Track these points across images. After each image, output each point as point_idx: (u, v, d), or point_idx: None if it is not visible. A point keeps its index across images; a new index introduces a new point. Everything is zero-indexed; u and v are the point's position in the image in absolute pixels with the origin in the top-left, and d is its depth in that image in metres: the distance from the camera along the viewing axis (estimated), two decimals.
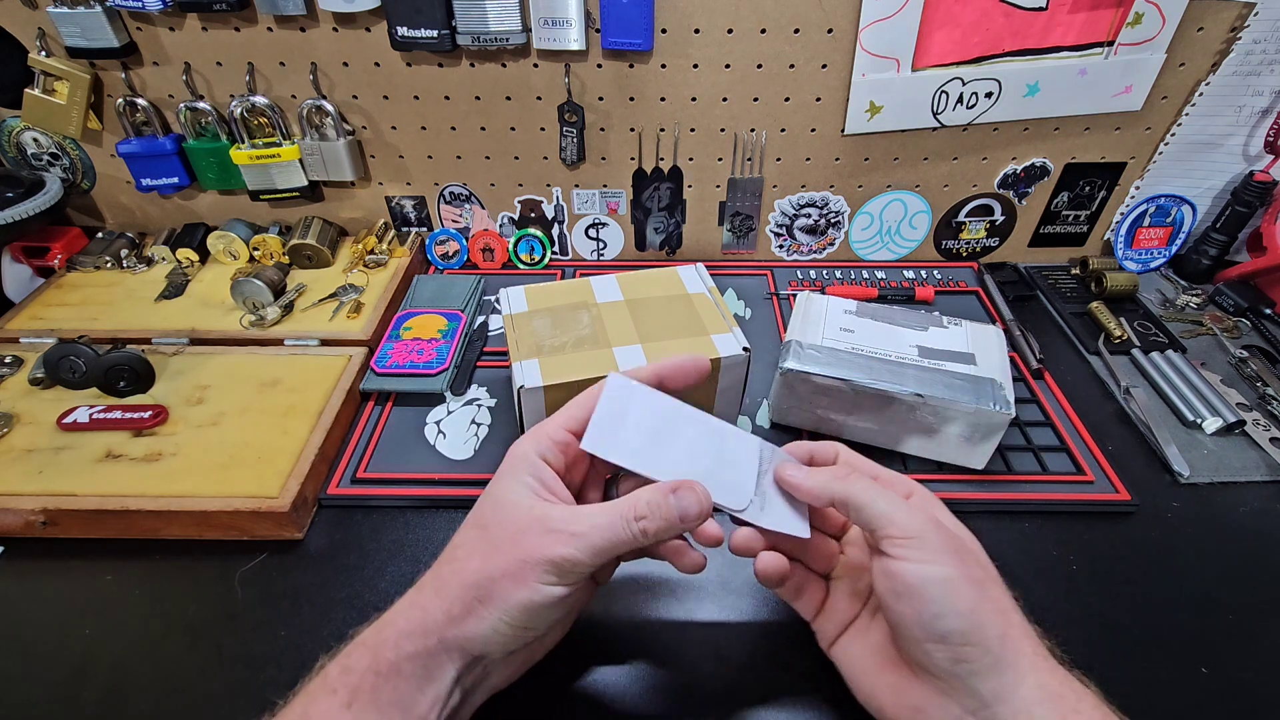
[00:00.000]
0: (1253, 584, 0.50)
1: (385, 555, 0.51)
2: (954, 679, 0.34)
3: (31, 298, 0.73)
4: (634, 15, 0.64)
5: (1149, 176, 0.77)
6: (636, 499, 0.35)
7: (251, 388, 0.62)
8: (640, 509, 0.35)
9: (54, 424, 0.58)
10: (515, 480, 0.37)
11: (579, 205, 0.80)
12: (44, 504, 0.51)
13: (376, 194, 0.81)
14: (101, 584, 0.50)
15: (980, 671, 0.33)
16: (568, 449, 0.38)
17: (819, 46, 0.68)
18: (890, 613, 0.35)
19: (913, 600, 0.34)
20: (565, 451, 0.38)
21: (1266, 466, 0.58)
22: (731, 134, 0.74)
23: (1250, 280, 0.78)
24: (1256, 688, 0.44)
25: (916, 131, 0.73)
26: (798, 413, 0.59)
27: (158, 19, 0.68)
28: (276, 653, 0.45)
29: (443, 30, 0.65)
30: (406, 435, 0.60)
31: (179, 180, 0.76)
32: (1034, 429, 0.61)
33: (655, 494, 0.35)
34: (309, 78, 0.70)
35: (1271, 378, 0.65)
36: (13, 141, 0.77)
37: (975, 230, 0.82)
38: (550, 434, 0.38)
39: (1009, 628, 0.34)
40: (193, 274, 0.77)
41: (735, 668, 0.44)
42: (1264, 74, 0.68)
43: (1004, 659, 0.33)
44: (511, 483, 0.37)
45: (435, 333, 0.68)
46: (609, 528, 0.34)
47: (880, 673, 0.37)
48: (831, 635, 0.41)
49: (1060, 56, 0.68)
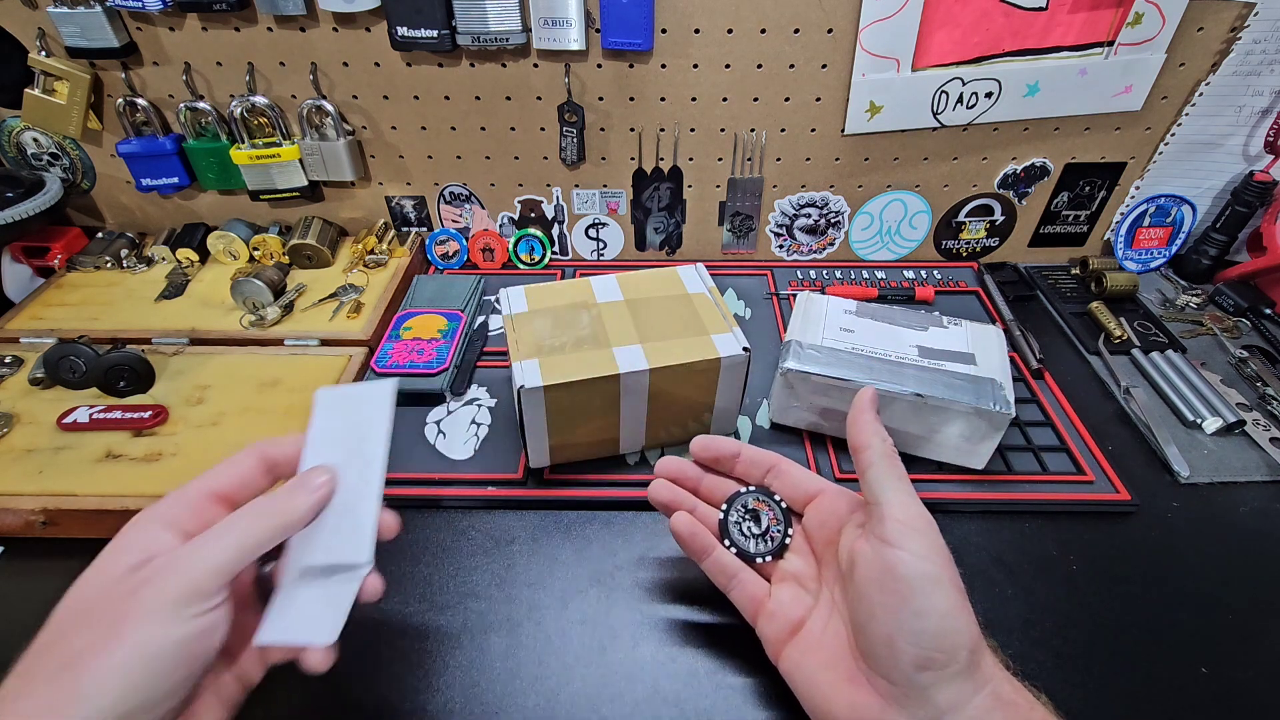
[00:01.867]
0: (1253, 584, 0.50)
1: (385, 555, 0.51)
2: (913, 687, 0.33)
3: (31, 298, 0.73)
4: (634, 15, 0.64)
5: (1149, 176, 0.77)
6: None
7: (251, 388, 0.62)
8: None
9: (54, 424, 0.58)
10: (115, 557, 0.32)
11: (579, 205, 0.80)
12: (44, 504, 0.51)
13: (376, 194, 0.81)
14: None
15: (942, 680, 0.33)
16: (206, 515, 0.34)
17: (819, 46, 0.68)
18: (866, 601, 0.35)
19: (899, 592, 0.34)
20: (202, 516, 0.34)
21: (1266, 466, 0.58)
22: (731, 134, 0.74)
23: (1250, 280, 0.78)
24: (1256, 688, 0.44)
25: (916, 131, 0.73)
26: (798, 413, 0.59)
27: (158, 19, 0.68)
28: None
29: (443, 30, 0.65)
30: (406, 435, 0.60)
31: (179, 180, 0.76)
32: (1034, 429, 0.61)
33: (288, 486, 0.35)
34: (309, 78, 0.70)
35: (1271, 378, 0.65)
36: (13, 141, 0.77)
37: (975, 230, 0.82)
38: (190, 499, 0.34)
39: (979, 642, 0.34)
40: (193, 274, 0.77)
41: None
42: (1264, 74, 0.68)
43: (967, 670, 0.33)
44: (109, 559, 0.32)
45: (435, 333, 0.68)
46: (228, 528, 0.32)
47: (835, 685, 0.36)
48: (779, 641, 0.40)
49: (1060, 56, 0.68)
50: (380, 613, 0.47)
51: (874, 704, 0.34)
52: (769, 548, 0.43)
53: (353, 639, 0.46)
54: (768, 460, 0.45)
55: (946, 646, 0.33)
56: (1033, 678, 0.36)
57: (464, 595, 0.49)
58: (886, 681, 0.34)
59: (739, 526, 0.44)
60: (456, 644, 0.46)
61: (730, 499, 0.44)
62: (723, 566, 0.43)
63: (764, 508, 0.44)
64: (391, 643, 0.46)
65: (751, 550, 0.43)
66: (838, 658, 0.37)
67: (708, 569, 0.43)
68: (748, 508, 0.44)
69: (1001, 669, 0.35)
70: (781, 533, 0.43)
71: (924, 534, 0.35)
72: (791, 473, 0.44)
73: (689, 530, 0.43)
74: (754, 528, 0.43)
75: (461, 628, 0.47)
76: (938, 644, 0.33)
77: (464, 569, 0.50)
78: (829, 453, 0.59)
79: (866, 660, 0.35)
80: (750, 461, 0.45)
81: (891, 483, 0.36)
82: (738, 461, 0.45)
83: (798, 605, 0.40)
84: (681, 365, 0.51)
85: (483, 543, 0.52)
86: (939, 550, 0.34)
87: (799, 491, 0.44)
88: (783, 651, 0.40)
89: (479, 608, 0.48)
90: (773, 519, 0.43)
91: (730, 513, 0.44)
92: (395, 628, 0.46)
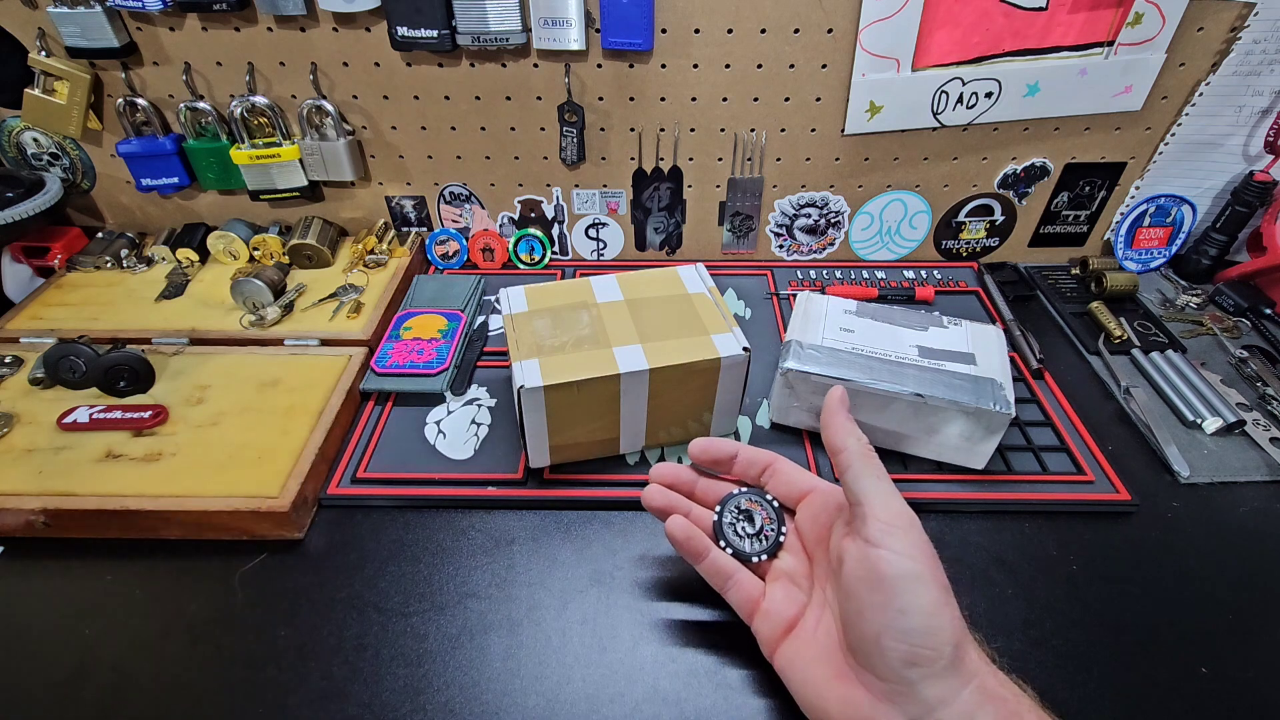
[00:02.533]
0: (1253, 584, 0.50)
1: (385, 555, 0.51)
2: (901, 683, 0.33)
3: (31, 298, 0.73)
4: (634, 15, 0.64)
5: (1149, 176, 0.77)
6: None
7: (251, 388, 0.62)
8: None
9: (54, 424, 0.58)
10: None
11: (579, 205, 0.80)
12: (44, 504, 0.51)
13: (376, 194, 0.81)
14: (101, 584, 0.50)
15: (930, 676, 0.33)
16: None
17: (819, 46, 0.68)
18: (854, 600, 0.35)
19: (884, 590, 0.34)
20: None
21: (1266, 466, 0.58)
22: (731, 134, 0.74)
23: (1250, 280, 0.78)
24: (1256, 688, 0.44)
25: (916, 131, 0.73)
26: (798, 413, 0.59)
27: (158, 19, 0.68)
28: (276, 653, 0.45)
29: (443, 30, 0.65)
30: (406, 435, 0.60)
31: (179, 180, 0.76)
32: (1034, 429, 0.61)
33: None
34: (309, 78, 0.70)
35: (1271, 378, 0.65)
36: (13, 141, 0.77)
37: (975, 230, 0.82)
38: None
39: (964, 636, 0.34)
40: (193, 274, 0.77)
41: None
42: (1264, 74, 0.68)
43: (953, 665, 0.33)
44: None
45: (435, 333, 0.68)
46: None
47: (827, 681, 0.37)
48: (774, 640, 0.40)
49: (1060, 56, 0.68)
50: (380, 613, 0.47)
51: (865, 700, 0.35)
52: (763, 546, 0.43)
53: (353, 639, 0.46)
54: (764, 459, 0.45)
55: (932, 643, 0.33)
56: (1033, 678, 0.36)
57: (464, 595, 0.48)
58: (876, 678, 0.34)
59: (733, 527, 0.44)
60: (456, 644, 0.46)
61: (724, 500, 0.45)
62: (719, 568, 0.43)
63: (757, 507, 0.44)
64: (391, 643, 0.46)
65: (746, 550, 0.43)
66: (829, 654, 0.37)
67: (704, 571, 0.44)
68: (741, 508, 0.44)
69: (987, 662, 0.35)
70: (775, 531, 0.43)
71: (906, 532, 0.35)
72: (786, 471, 0.45)
73: (684, 534, 0.43)
74: (748, 528, 0.44)
75: (461, 628, 0.47)
76: (924, 640, 0.33)
77: (464, 569, 0.50)
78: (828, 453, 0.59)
79: (856, 657, 0.36)
80: (747, 461, 0.45)
81: (871, 483, 0.36)
82: (735, 462, 0.45)
83: (791, 604, 0.41)
84: (681, 365, 0.51)
85: (483, 543, 0.52)
86: (921, 547, 0.35)
87: (793, 490, 0.44)
88: (777, 650, 0.40)
89: (479, 608, 0.48)
90: (766, 518, 0.44)
91: (724, 514, 0.44)
92: (395, 628, 0.46)
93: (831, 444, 0.39)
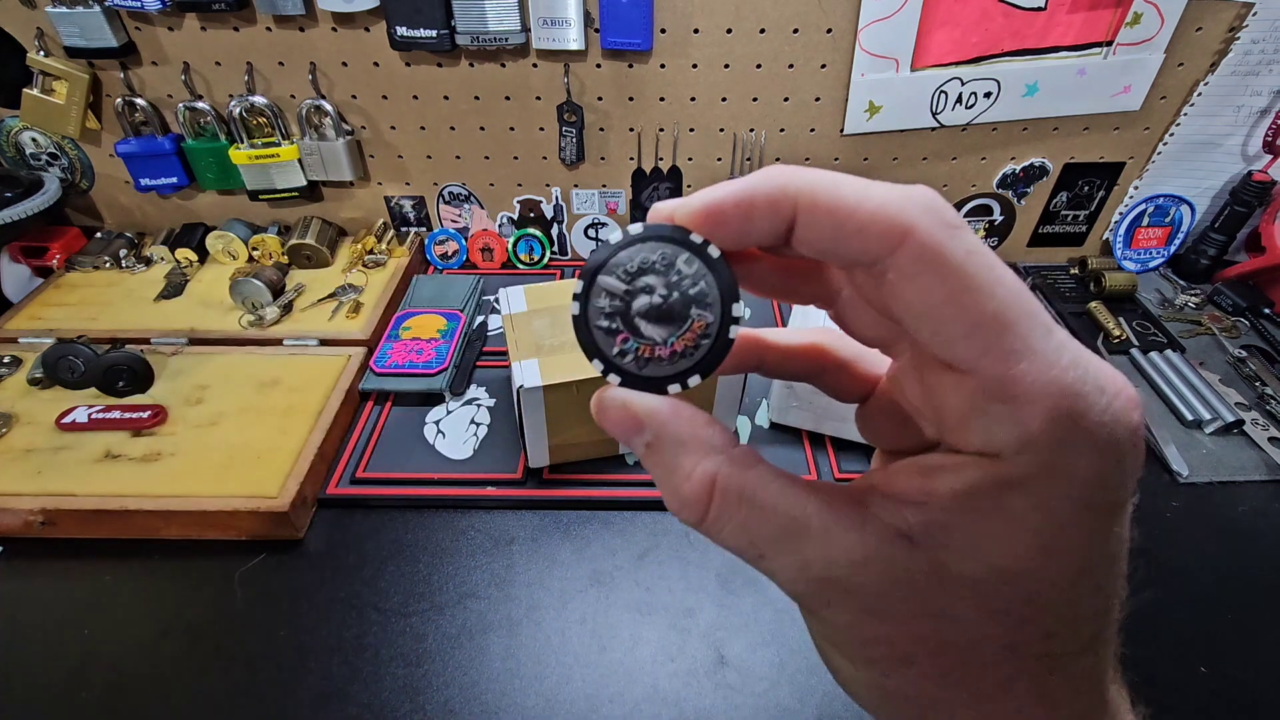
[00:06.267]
0: (1252, 584, 0.50)
1: (385, 555, 0.51)
2: None
3: (30, 298, 0.73)
4: (633, 15, 0.64)
5: (1148, 176, 0.77)
6: None
7: (251, 388, 0.62)
8: None
9: (53, 424, 0.57)
10: None
11: (578, 205, 0.80)
12: (43, 504, 0.51)
13: (376, 194, 0.80)
14: (100, 584, 0.50)
15: None
16: None
17: (818, 46, 0.68)
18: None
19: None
20: None
21: (1265, 466, 0.58)
22: (731, 134, 0.74)
23: (1249, 280, 0.78)
24: (1256, 688, 0.44)
25: (916, 131, 0.73)
26: (798, 412, 0.59)
27: (156, 19, 0.68)
28: (276, 653, 0.45)
29: (442, 30, 0.65)
30: (406, 435, 0.60)
31: (178, 180, 0.76)
32: None
33: None
34: (308, 77, 0.70)
35: (1270, 377, 0.65)
36: (11, 141, 0.77)
37: (974, 230, 0.82)
38: None
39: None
40: (192, 274, 0.77)
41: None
42: (1262, 74, 0.68)
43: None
44: None
45: (434, 333, 0.68)
46: None
47: None
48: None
49: (1059, 56, 0.68)
50: (380, 612, 0.47)
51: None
52: (692, 361, 0.19)
53: (353, 639, 0.46)
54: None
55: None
56: None
57: (464, 595, 0.48)
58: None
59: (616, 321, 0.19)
60: (456, 644, 0.46)
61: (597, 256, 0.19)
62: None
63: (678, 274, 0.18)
64: (391, 643, 0.46)
65: (649, 372, 0.19)
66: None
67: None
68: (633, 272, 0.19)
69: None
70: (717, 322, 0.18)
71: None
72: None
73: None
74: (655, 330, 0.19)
75: (461, 627, 0.47)
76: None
77: (463, 569, 0.50)
78: (828, 453, 0.59)
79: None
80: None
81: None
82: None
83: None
84: None
85: (482, 543, 0.52)
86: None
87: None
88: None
89: (479, 608, 0.48)
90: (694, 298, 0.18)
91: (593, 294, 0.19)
92: (394, 628, 0.46)
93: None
